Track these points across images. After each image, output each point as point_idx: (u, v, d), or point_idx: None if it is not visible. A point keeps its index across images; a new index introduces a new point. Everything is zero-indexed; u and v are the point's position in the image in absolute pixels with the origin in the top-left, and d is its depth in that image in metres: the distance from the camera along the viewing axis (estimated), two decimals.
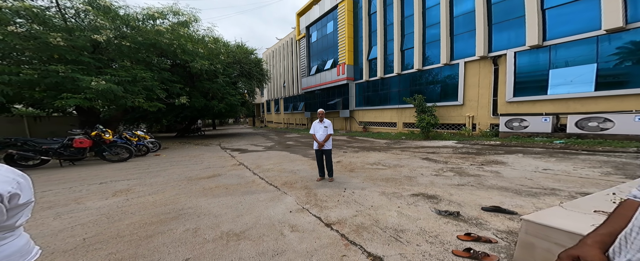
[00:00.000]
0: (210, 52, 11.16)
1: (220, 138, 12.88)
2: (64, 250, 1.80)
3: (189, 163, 5.52)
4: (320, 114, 3.94)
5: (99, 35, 6.10)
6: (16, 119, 9.44)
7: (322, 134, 3.86)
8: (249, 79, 14.43)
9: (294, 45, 22.68)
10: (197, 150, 8.17)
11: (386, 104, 13.66)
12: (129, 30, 7.70)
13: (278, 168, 5.09)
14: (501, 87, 8.63)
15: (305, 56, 20.11)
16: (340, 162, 5.61)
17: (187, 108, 11.52)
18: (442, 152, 6.37)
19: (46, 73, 5.46)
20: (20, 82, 5.32)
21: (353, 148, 8.04)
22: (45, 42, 5.39)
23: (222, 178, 4.17)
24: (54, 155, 4.62)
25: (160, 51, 8.62)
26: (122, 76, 6.82)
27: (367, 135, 12.74)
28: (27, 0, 5.76)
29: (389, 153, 6.70)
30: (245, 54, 14.48)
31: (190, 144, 10.26)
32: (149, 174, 4.38)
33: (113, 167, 4.96)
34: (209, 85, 11.13)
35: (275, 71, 27.22)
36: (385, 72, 13.61)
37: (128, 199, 3.06)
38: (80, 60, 6.24)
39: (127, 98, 6.91)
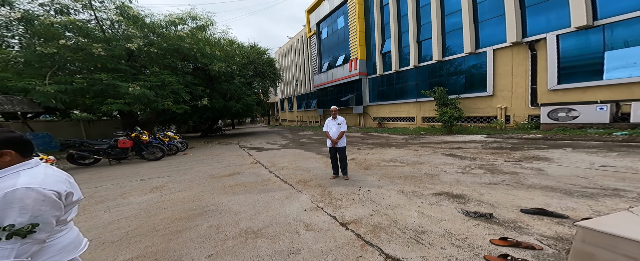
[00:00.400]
0: (226, 54, 11.66)
1: (239, 137, 13.55)
2: (112, 241, 2.06)
3: (211, 162, 5.91)
4: (333, 111, 3.87)
5: (131, 43, 6.74)
6: (75, 123, 11.04)
7: (335, 131, 3.80)
8: (263, 79, 14.82)
9: (305, 43, 22.59)
10: (218, 149, 8.70)
11: (403, 98, 12.99)
12: (155, 37, 8.37)
13: (293, 166, 5.18)
14: (541, 74, 7.64)
15: (316, 53, 19.93)
16: (354, 159, 5.53)
17: (209, 110, 12.27)
18: (468, 147, 5.89)
19: (93, 81, 6.25)
20: (74, 90, 6.16)
21: (368, 144, 7.84)
22: (90, 53, 6.14)
23: (241, 176, 4.38)
24: (104, 155, 5.35)
25: (183, 56, 9.24)
26: (153, 81, 7.49)
27: (382, 130, 12.32)
28: (71, 15, 6.56)
29: (406, 149, 6.40)
30: (258, 54, 14.84)
31: (212, 143, 10.97)
32: (179, 172, 4.80)
33: (149, 165, 5.54)
34: (227, 86, 11.69)
35: (288, 70, 27.52)
36: (400, 65, 12.90)
37: (162, 195, 3.39)
38: (119, 68, 6.99)
39: (158, 102, 7.60)
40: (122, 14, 7.28)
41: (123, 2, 7.20)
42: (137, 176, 4.56)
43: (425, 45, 11.47)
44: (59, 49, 5.62)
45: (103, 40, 6.91)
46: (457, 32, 9.78)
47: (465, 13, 9.20)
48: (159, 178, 4.25)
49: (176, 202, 3.08)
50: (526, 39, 7.78)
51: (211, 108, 12.05)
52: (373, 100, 15.36)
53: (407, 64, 12.47)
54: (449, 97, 9.19)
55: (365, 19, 14.90)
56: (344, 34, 16.32)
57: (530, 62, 7.79)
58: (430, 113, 11.26)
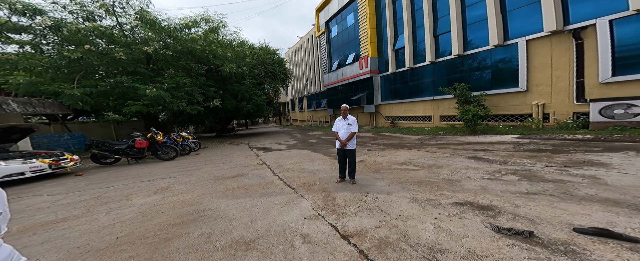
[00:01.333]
0: (237, 55, 11.86)
1: (250, 137, 13.75)
2: (98, 249, 1.98)
3: (219, 162, 5.91)
4: (344, 110, 3.58)
5: (148, 47, 7.05)
6: (106, 124, 12.07)
7: (345, 132, 3.52)
8: (273, 79, 14.88)
9: (315, 42, 22.40)
10: (229, 149, 8.81)
11: (418, 96, 12.18)
12: (170, 41, 8.71)
13: (298, 168, 4.96)
14: (590, 65, 6.59)
15: (326, 52, 19.62)
16: (363, 161, 5.15)
17: (222, 110, 12.59)
18: (497, 149, 5.22)
19: (115, 84, 6.63)
20: (98, 93, 6.60)
21: (379, 145, 7.37)
22: (112, 58, 6.52)
23: (244, 178, 4.26)
24: (123, 154, 5.64)
25: (196, 58, 9.52)
26: (169, 83, 7.80)
27: (395, 130, 11.66)
28: (96, 22, 7.01)
29: (421, 150, 5.86)
30: (268, 54, 14.92)
31: (224, 143, 11.21)
32: (186, 173, 4.83)
33: (163, 165, 5.71)
34: (238, 87, 11.89)
35: (298, 70, 27.59)
36: (415, 61, 12.10)
37: (164, 197, 3.35)
38: (138, 72, 7.35)
39: (173, 103, 7.89)
40: (141, 18, 7.65)
41: (141, 7, 7.55)
42: (148, 176, 4.67)
43: (443, 39, 10.60)
44: (84, 54, 6.01)
45: (124, 45, 7.31)
46: (481, 24, 8.85)
47: (490, 3, 8.30)
48: (166, 179, 4.29)
49: (175, 205, 3.00)
50: (569, 26, 6.73)
51: (224, 109, 12.36)
52: (385, 98, 14.66)
53: (422, 60, 11.65)
54: (472, 93, 8.32)
55: (376, 15, 14.27)
56: (354, 32, 15.83)
57: (575, 53, 6.72)
58: (449, 111, 10.37)
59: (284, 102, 33.54)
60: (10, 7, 5.85)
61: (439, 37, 10.80)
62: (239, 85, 11.92)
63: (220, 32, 11.36)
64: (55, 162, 4.63)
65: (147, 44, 7.15)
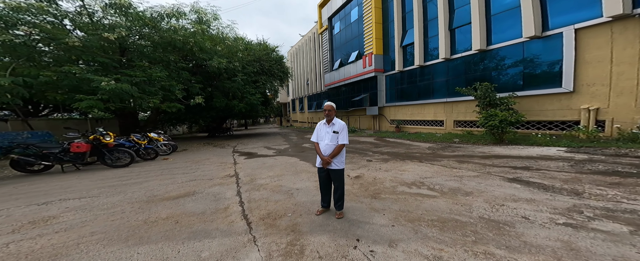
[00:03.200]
0: (229, 49, 10.87)
1: (242, 139, 12.67)
2: None
3: (180, 172, 4.76)
4: (328, 110, 2.41)
5: (111, 33, 6.01)
6: (82, 121, 11.11)
7: (328, 144, 2.38)
8: (269, 77, 13.82)
9: (317, 40, 21.45)
10: (208, 153, 7.69)
11: (428, 98, 10.83)
12: (147, 30, 7.72)
13: (274, 183, 3.77)
14: None
15: (328, 50, 18.57)
16: (360, 177, 3.90)
17: (213, 109, 11.59)
18: (545, 167, 3.88)
19: (65, 75, 5.58)
20: (41, 85, 5.56)
21: (381, 154, 6.09)
22: (63, 43, 5.50)
23: (190, 200, 3.07)
24: (55, 160, 4.54)
25: (181, 52, 8.53)
26: (139, 76, 6.76)
27: (401, 135, 10.31)
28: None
29: (436, 164, 4.54)
30: (265, 51, 13.93)
31: (210, 146, 10.13)
32: (118, 188, 3.60)
33: (101, 175, 4.43)
34: (229, 84, 10.85)
35: (300, 69, 26.70)
36: (425, 58, 10.81)
37: (21, 240, 2.07)
38: (98, 61, 6.32)
39: (143, 99, 6.83)
40: (112, 5, 6.69)
41: None
42: (51, 194, 3.34)
43: (460, 33, 9.28)
44: (16, 37, 4.97)
45: (88, 30, 6.32)
46: (511, 13, 7.49)
47: None
48: (72, 201, 3.04)
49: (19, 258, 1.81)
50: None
51: (214, 108, 11.36)
52: (390, 100, 13.36)
53: (434, 56, 10.35)
54: (498, 95, 6.91)
55: (382, 8, 13.13)
56: (358, 28, 14.72)
57: None
58: (466, 116, 8.97)
59: (285, 103, 32.62)
60: None
61: (454, 30, 9.49)
62: (230, 83, 10.88)
63: (211, 24, 10.48)
64: None
65: (111, 31, 6.12)
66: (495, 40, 8.04)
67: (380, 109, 13.82)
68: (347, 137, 2.38)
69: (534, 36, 6.77)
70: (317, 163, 2.49)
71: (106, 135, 5.05)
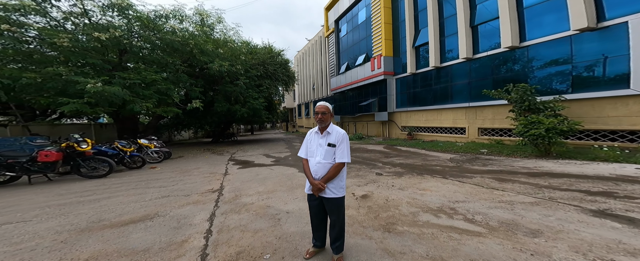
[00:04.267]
0: (232, 52, 10.58)
1: (244, 145, 12.11)
2: None
3: (156, 185, 4.11)
4: (321, 112, 1.66)
5: (102, 33, 5.70)
6: (85, 126, 11.08)
7: (321, 162, 1.64)
8: (274, 81, 13.38)
9: (323, 44, 21.14)
10: (202, 161, 7.10)
11: (445, 102, 9.78)
12: (145, 32, 7.48)
13: (260, 203, 3.04)
14: None
15: (334, 53, 18.11)
16: (367, 197, 3.05)
17: (215, 114, 11.22)
18: (637, 193, 2.74)
19: (50, 76, 5.26)
20: (23, 87, 5.25)
21: (393, 166, 5.16)
22: (51, 43, 5.22)
23: (141, 228, 2.40)
24: (21, 171, 4.05)
25: (178, 52, 8.23)
26: (132, 79, 6.40)
27: (414, 144, 9.24)
28: None
29: (467, 182, 3.58)
30: (270, 54, 13.60)
31: (209, 152, 9.61)
32: (61, 209, 2.82)
33: (63, 189, 3.69)
34: (231, 88, 10.45)
35: (306, 73, 26.46)
36: (442, 59, 9.89)
37: None
38: (89, 63, 6.01)
39: (135, 103, 6.43)
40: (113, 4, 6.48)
41: None
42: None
43: (485, 30, 8.34)
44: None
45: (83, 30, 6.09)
46: (550, 4, 6.44)
47: None
48: None
49: None
50: None
51: (216, 113, 10.98)
52: (401, 105, 12.39)
53: (453, 56, 9.41)
54: (539, 98, 5.78)
55: (392, 8, 12.49)
56: (365, 29, 14.16)
57: None
58: (495, 123, 7.83)
59: (291, 108, 32.32)
60: None
61: (477, 27, 8.54)
62: (232, 86, 10.49)
63: (216, 27, 10.31)
64: None
65: (106, 31, 5.84)
66: (531, 35, 6.97)
67: (390, 115, 12.84)
68: (348, 153, 1.61)
69: (586, 28, 5.63)
70: (306, 188, 1.72)
71: (82, 142, 4.55)
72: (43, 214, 2.69)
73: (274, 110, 16.43)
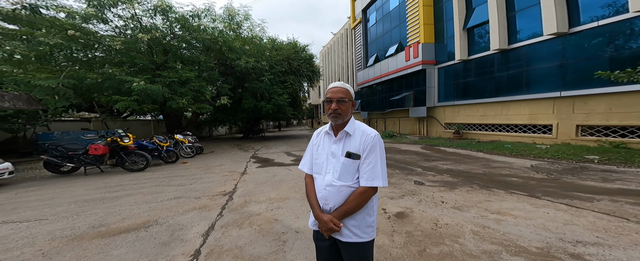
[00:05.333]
0: (257, 48, 10.63)
1: (269, 141, 12.25)
2: None
3: (176, 183, 4.09)
4: (336, 98, 0.89)
5: (145, 34, 6.20)
6: (146, 122, 13.06)
7: (334, 184, 0.89)
8: (298, 77, 13.04)
9: (349, 37, 19.75)
10: (227, 157, 7.20)
11: (517, 93, 7.65)
12: (182, 32, 7.96)
13: (268, 215, 2.55)
14: None
15: (361, 45, 16.64)
16: (405, 216, 2.41)
17: (243, 111, 11.62)
18: None
19: (107, 76, 5.96)
20: (88, 87, 6.07)
21: (439, 172, 4.01)
22: (108, 46, 5.89)
23: (131, 240, 2.19)
24: (78, 162, 4.64)
25: (209, 50, 8.61)
26: (171, 77, 6.89)
27: (464, 145, 7.45)
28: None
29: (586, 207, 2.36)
30: (294, 50, 13.25)
31: (236, 148, 9.94)
32: (82, 206, 2.84)
33: (101, 182, 4.02)
34: (257, 84, 10.54)
35: (331, 69, 25.52)
36: (511, 39, 7.58)
37: None
38: (136, 63, 6.62)
39: (174, 100, 6.91)
40: (158, 8, 7.06)
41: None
42: (18, 209, 2.84)
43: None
44: (65, 40, 5.42)
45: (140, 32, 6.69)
46: None
47: None
48: (9, 225, 2.35)
49: None
50: None
51: (244, 110, 11.35)
52: (445, 98, 10.36)
53: (530, 34, 7.17)
54: None
55: None
56: (398, 15, 12.41)
57: None
58: (610, 118, 5.62)
59: (316, 104, 32.03)
60: None
61: None
62: (258, 83, 10.57)
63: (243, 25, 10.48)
64: None
65: (148, 32, 6.36)
66: None
67: (429, 110, 10.90)
68: (382, 170, 0.87)
69: None
70: (310, 221, 1.03)
71: (125, 137, 4.96)
72: (63, 212, 2.76)
73: (298, 106, 16.22)
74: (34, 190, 3.74)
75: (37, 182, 4.25)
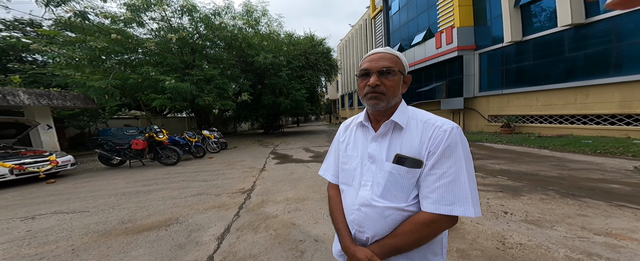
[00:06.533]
0: (275, 44, 10.52)
1: (288, 137, 12.31)
2: None
3: (200, 179, 4.22)
4: (376, 68, 0.57)
5: (174, 34, 6.56)
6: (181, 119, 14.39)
7: (372, 204, 0.58)
8: (315, 71, 12.64)
9: (368, 28, 18.31)
10: (248, 153, 7.36)
11: (601, 75, 6.10)
12: (206, 31, 8.25)
13: (286, 218, 2.37)
14: None
15: (382, 35, 15.34)
16: (457, 230, 1.64)
17: (263, 107, 11.83)
18: None
19: (145, 77, 6.51)
20: (131, 87, 6.71)
21: (490, 174, 3.53)
22: (144, 48, 6.41)
23: (152, 239, 2.22)
24: (124, 156, 5.19)
25: (230, 48, 8.80)
26: (197, 75, 7.24)
27: (520, 140, 6.30)
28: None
29: None
30: (312, 43, 12.80)
31: (257, 143, 10.18)
32: (118, 199, 3.10)
33: (139, 176, 4.41)
34: (275, 80, 10.54)
35: (349, 63, 24.27)
36: (590, 12, 5.94)
37: None
38: (167, 63, 7.09)
39: (201, 97, 7.28)
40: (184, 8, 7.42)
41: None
42: (65, 201, 3.10)
43: None
44: (109, 43, 6.01)
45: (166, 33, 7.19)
46: None
47: None
48: (54, 217, 2.56)
49: None
50: None
51: (264, 106, 11.54)
52: (489, 87, 8.98)
53: None
54: None
55: None
56: None
57: None
58: None
59: (334, 99, 31.22)
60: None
61: None
62: (276, 79, 10.55)
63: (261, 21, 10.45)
64: (19, 166, 3.84)
65: (175, 32, 6.73)
66: None
67: (467, 101, 9.58)
68: (471, 189, 0.49)
69: None
70: (335, 251, 0.72)
71: (159, 133, 5.34)
72: (102, 205, 2.99)
73: (316, 101, 15.87)
74: (88, 181, 4.28)
75: (92, 174, 4.90)
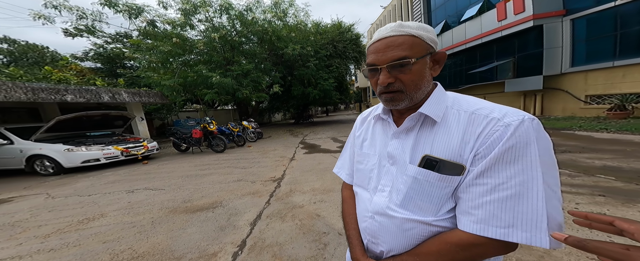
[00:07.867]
0: (303, 35, 10.24)
1: (317, 127, 12.42)
2: None
3: (240, 166, 4.70)
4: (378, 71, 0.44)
5: (216, 33, 7.20)
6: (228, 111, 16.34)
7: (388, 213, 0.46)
8: (343, 60, 11.87)
9: (403, 8, 15.54)
10: (280, 142, 7.79)
11: None
12: (240, 27, 8.55)
13: (310, 209, 2.45)
14: None
15: (421, 13, 13.11)
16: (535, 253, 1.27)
17: (293, 98, 12.11)
18: None
19: (198, 74, 7.50)
20: (190, 84, 7.81)
21: (582, 172, 2.91)
22: (196, 48, 7.29)
23: (202, 218, 2.47)
24: (188, 143, 6.27)
25: (261, 42, 9.06)
26: (236, 71, 7.90)
27: (636, 126, 4.53)
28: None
29: None
30: (339, 30, 11.87)
31: (288, 133, 10.63)
32: (183, 181, 3.70)
33: (197, 161, 5.16)
34: (304, 71, 10.46)
35: None
36: None
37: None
38: (213, 60, 7.89)
39: (240, 91, 8.00)
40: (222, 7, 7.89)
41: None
42: (151, 178, 3.90)
43: None
44: (172, 47, 6.96)
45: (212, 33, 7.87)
46: None
47: None
48: (140, 192, 3.21)
49: None
50: None
51: (294, 97, 11.77)
52: (588, 60, 6.94)
53: None
54: None
55: None
56: None
57: None
58: None
59: (364, 88, 29.17)
60: (116, 9, 6.55)
61: None
62: (304, 69, 10.45)
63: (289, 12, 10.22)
64: (126, 150, 5.09)
65: (217, 31, 7.38)
66: None
67: (550, 80, 7.63)
68: (554, 206, 0.31)
69: None
70: (348, 258, 0.60)
71: (210, 124, 6.19)
72: (173, 185, 3.69)
73: (345, 90, 15.13)
74: (166, 163, 5.42)
75: (169, 157, 6.18)
